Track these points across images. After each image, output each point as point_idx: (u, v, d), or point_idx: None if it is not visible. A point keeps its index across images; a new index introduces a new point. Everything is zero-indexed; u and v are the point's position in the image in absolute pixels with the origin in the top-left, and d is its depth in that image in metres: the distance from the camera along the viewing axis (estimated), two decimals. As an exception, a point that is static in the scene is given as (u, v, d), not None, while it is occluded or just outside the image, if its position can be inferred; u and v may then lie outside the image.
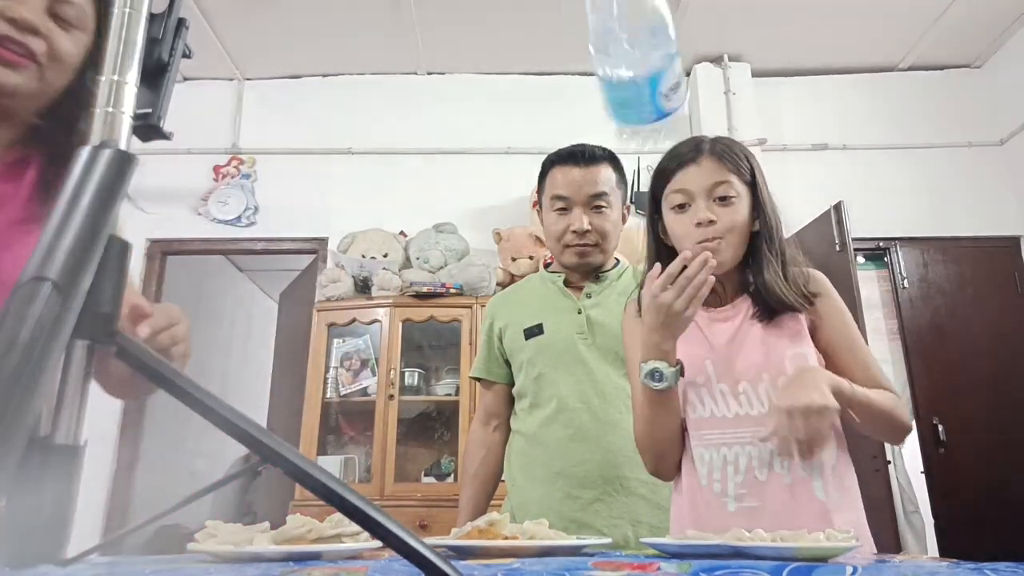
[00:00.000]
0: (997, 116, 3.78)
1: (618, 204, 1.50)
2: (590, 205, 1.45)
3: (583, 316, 1.46)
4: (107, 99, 0.45)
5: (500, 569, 0.58)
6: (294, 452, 0.43)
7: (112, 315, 0.42)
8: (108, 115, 0.45)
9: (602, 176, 1.46)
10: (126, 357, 0.42)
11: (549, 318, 1.48)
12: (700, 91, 3.78)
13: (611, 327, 1.40)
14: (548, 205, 1.49)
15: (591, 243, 1.45)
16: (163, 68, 0.49)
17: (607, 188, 1.46)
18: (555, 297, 1.52)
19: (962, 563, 0.60)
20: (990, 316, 3.47)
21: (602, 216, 1.45)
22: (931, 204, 3.60)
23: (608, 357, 1.41)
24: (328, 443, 3.20)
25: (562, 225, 1.46)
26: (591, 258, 1.47)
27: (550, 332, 1.46)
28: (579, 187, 1.44)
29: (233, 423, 0.43)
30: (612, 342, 1.39)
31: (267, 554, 0.65)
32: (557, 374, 1.42)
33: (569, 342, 1.43)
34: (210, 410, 0.42)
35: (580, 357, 1.42)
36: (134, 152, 0.45)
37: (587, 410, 1.37)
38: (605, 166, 1.47)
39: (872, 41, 3.72)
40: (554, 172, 1.49)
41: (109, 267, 0.42)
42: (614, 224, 1.48)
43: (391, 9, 3.45)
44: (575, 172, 1.45)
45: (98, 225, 0.41)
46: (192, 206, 3.71)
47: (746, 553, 0.68)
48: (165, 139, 0.49)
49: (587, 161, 1.46)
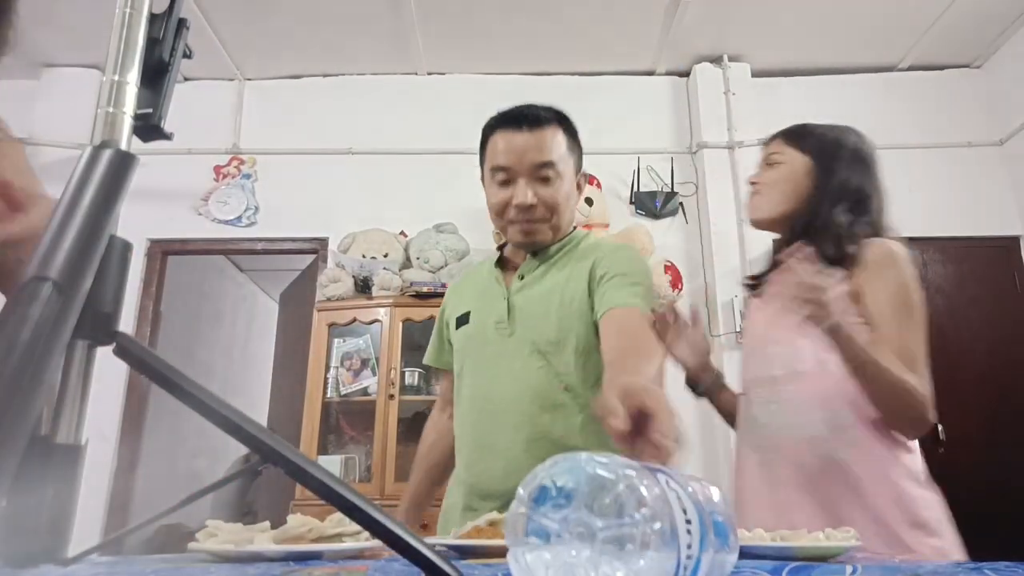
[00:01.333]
0: (997, 116, 3.78)
1: (570, 173, 1.29)
2: (535, 176, 1.24)
3: (505, 303, 1.28)
4: (108, 99, 0.45)
5: (500, 569, 0.58)
6: (294, 451, 0.43)
7: (113, 315, 0.42)
8: (109, 115, 0.45)
9: (549, 141, 1.25)
10: (127, 357, 0.42)
11: (476, 305, 1.34)
12: (700, 91, 3.78)
13: (538, 312, 1.25)
14: (489, 177, 1.29)
15: (538, 218, 1.25)
16: (164, 68, 0.49)
17: (555, 156, 1.24)
18: (488, 281, 1.36)
19: (962, 563, 0.60)
20: (990, 316, 3.47)
21: (550, 187, 1.24)
22: (931, 204, 3.60)
23: (526, 348, 1.23)
24: (328, 443, 3.21)
25: (503, 198, 1.26)
26: (539, 236, 1.28)
27: (474, 322, 1.32)
28: (522, 155, 1.23)
29: (233, 422, 0.42)
30: (533, 332, 1.23)
31: (268, 553, 0.65)
32: (475, 370, 1.29)
33: (490, 334, 1.28)
34: (210, 409, 0.42)
35: (497, 350, 1.26)
36: (135, 152, 0.45)
37: (493, 415, 1.22)
38: (553, 129, 1.26)
39: (872, 41, 3.71)
40: (495, 139, 1.27)
41: (110, 267, 0.42)
42: (566, 196, 1.27)
43: (391, 9, 3.45)
44: (517, 138, 1.24)
45: (99, 225, 0.41)
46: (192, 206, 3.71)
47: (746, 552, 0.68)
48: (166, 139, 0.49)
49: (531, 124, 1.24)
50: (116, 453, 3.40)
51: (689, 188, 3.71)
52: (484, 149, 1.31)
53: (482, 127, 1.32)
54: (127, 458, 3.43)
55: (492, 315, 1.29)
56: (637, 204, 3.66)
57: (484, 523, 0.77)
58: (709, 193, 3.62)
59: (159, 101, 0.48)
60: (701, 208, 3.67)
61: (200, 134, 3.76)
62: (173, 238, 3.70)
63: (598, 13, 3.47)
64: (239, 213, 3.69)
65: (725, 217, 3.56)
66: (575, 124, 1.32)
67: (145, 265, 3.63)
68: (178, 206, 3.69)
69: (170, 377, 0.42)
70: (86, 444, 0.42)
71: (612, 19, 3.52)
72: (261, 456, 0.43)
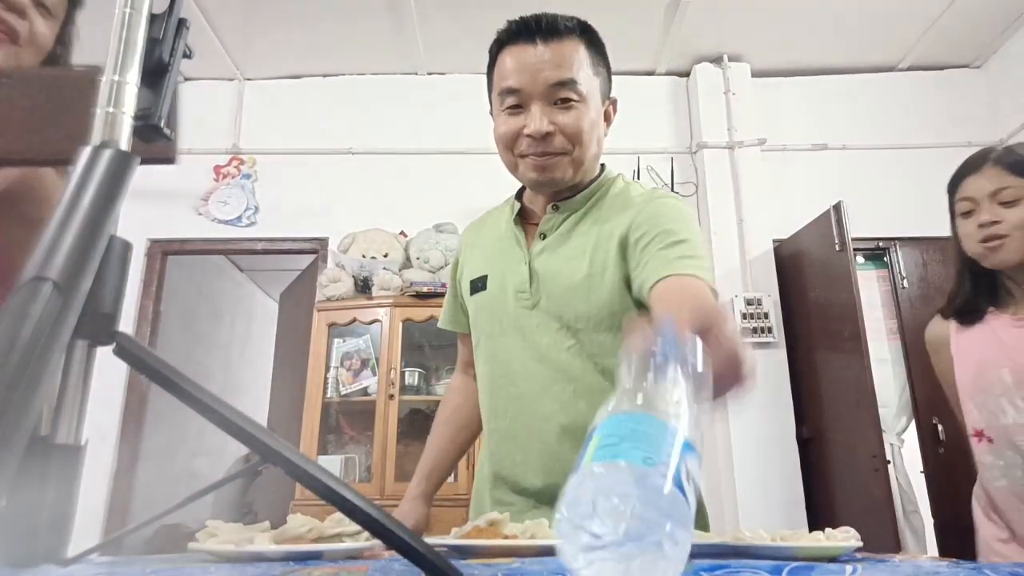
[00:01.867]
0: (997, 116, 3.78)
1: (595, 95, 1.06)
2: (553, 98, 1.02)
3: (527, 268, 1.09)
4: (108, 99, 0.45)
5: (500, 569, 0.58)
6: (294, 451, 0.43)
7: (113, 315, 0.42)
8: (109, 115, 0.45)
9: (570, 56, 1.02)
10: (127, 357, 0.42)
11: (494, 268, 1.14)
12: (700, 91, 3.78)
13: (564, 282, 1.06)
14: (497, 104, 1.07)
15: (556, 150, 1.03)
16: (164, 68, 0.48)
17: (577, 73, 1.02)
18: (507, 239, 1.15)
19: (962, 563, 0.60)
20: (990, 316, 3.46)
21: (571, 112, 1.02)
22: (931, 204, 3.56)
23: (553, 324, 1.05)
24: (328, 443, 3.21)
25: (513, 127, 1.04)
26: (557, 172, 1.05)
27: (492, 288, 1.13)
28: (536, 73, 1.01)
29: (232, 422, 0.42)
30: (560, 305, 1.05)
31: (268, 554, 0.65)
32: (495, 346, 1.11)
33: (510, 304, 1.10)
34: (210, 409, 0.42)
35: (518, 324, 1.08)
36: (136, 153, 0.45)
37: (520, 399, 1.07)
38: (573, 41, 1.03)
39: (872, 41, 3.71)
40: (503, 57, 1.05)
41: (110, 267, 0.42)
42: (591, 124, 1.04)
43: (391, 9, 3.45)
44: (530, 53, 1.02)
45: (99, 225, 0.41)
46: (192, 206, 3.71)
47: (746, 552, 0.68)
48: (167, 140, 0.49)
49: (546, 34, 1.02)
50: (116, 453, 3.40)
51: (689, 188, 3.71)
52: (491, 71, 1.10)
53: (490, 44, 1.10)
54: (127, 458, 3.43)
55: (511, 282, 1.10)
56: (637, 204, 3.66)
57: (484, 523, 0.76)
58: (709, 193, 3.62)
59: (159, 101, 0.48)
60: (701, 208, 3.67)
61: (200, 134, 3.76)
62: (173, 238, 3.70)
63: (598, 13, 3.45)
64: (239, 213, 3.69)
65: (725, 217, 3.56)
66: (602, 41, 1.10)
67: (145, 265, 3.64)
68: (178, 206, 3.69)
69: (170, 377, 0.42)
70: (86, 444, 0.42)
71: (612, 19, 3.52)
72: (260, 456, 0.43)
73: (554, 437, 1.03)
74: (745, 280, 3.44)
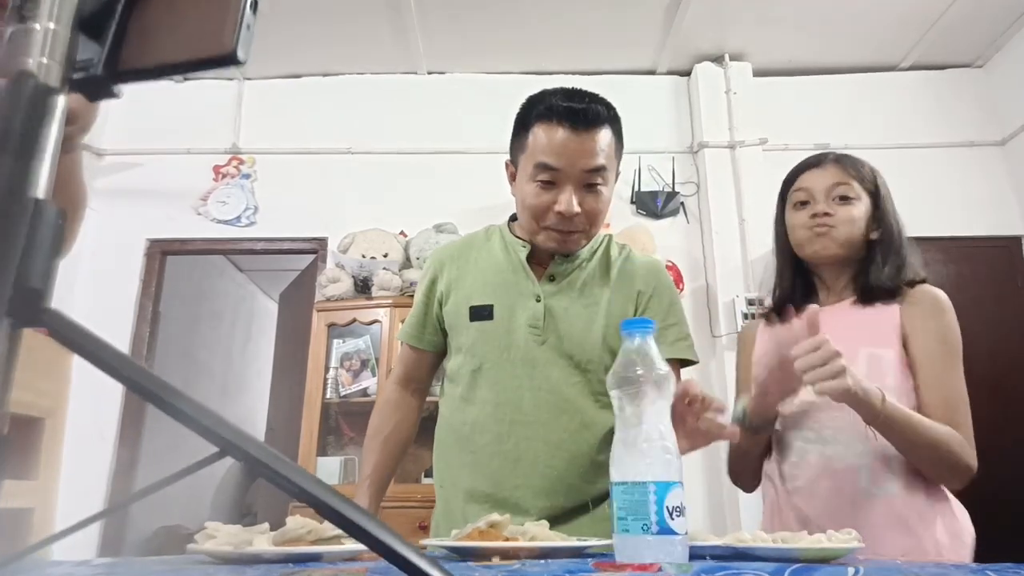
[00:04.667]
0: (998, 116, 3.78)
1: (613, 176, 1.18)
2: (584, 181, 1.13)
3: (541, 305, 1.19)
4: (40, 49, 0.38)
5: (501, 570, 0.58)
6: (251, 440, 0.39)
7: (43, 291, 0.36)
8: (42, 67, 0.38)
9: (604, 144, 1.12)
10: (60, 338, 0.37)
11: (502, 300, 1.21)
12: (701, 91, 3.77)
13: (571, 323, 1.18)
14: (529, 172, 1.15)
15: (577, 228, 1.16)
16: (109, 13, 0.41)
17: (606, 160, 1.13)
18: (514, 273, 1.23)
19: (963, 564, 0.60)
20: (990, 316, 3.46)
21: (596, 196, 1.14)
22: (931, 204, 3.59)
23: (562, 360, 1.17)
24: (328, 444, 3.20)
25: (545, 201, 1.14)
26: (572, 246, 1.19)
27: (500, 319, 1.19)
28: (574, 159, 1.11)
29: (181, 409, 0.38)
30: (573, 346, 1.17)
31: (267, 555, 0.65)
32: (500, 374, 1.18)
33: (519, 336, 1.18)
34: (154, 395, 0.38)
35: (528, 356, 1.17)
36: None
37: (527, 426, 1.14)
38: (606, 130, 1.13)
39: (872, 41, 3.71)
40: (542, 131, 1.13)
41: (39, 236, 0.36)
42: (606, 203, 1.17)
43: (391, 9, 3.45)
44: (571, 140, 1.11)
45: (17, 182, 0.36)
46: (192, 206, 3.71)
47: (747, 554, 0.68)
48: (114, 98, 0.42)
49: (588, 124, 1.11)
50: (115, 453, 3.39)
51: (690, 188, 3.71)
52: (524, 134, 1.16)
53: (523, 104, 1.18)
54: (126, 458, 3.43)
55: (523, 316, 1.19)
56: (638, 204, 3.66)
57: (484, 524, 0.76)
58: (710, 193, 3.61)
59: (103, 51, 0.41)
60: (702, 208, 3.67)
61: (199, 134, 3.76)
62: (172, 238, 3.69)
63: (599, 12, 3.47)
64: (238, 213, 3.68)
65: (726, 217, 3.55)
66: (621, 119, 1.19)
67: (144, 265, 3.63)
68: (177, 206, 3.69)
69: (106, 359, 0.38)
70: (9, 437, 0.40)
71: (613, 18, 3.52)
72: (215, 445, 0.39)
73: (563, 464, 1.13)
74: (746, 280, 3.44)
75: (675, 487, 0.59)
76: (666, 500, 0.58)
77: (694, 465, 3.09)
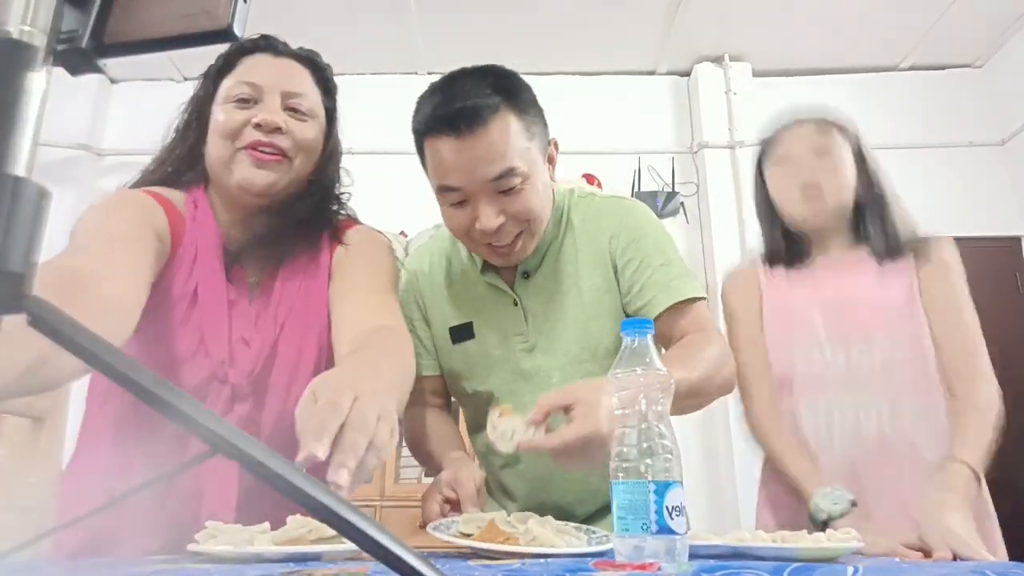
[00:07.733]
0: (998, 116, 3.78)
1: (538, 162, 1.00)
2: (497, 190, 0.95)
3: (519, 308, 1.08)
4: (23, 16, 0.35)
5: (501, 569, 0.58)
6: (248, 440, 0.36)
7: (23, 275, 0.33)
8: (23, 34, 0.35)
9: (502, 142, 0.93)
10: (43, 328, 0.35)
11: (479, 315, 1.10)
12: (701, 91, 3.78)
13: (554, 317, 1.06)
14: (438, 196, 1.03)
15: (514, 235, 1.00)
16: None
17: (516, 159, 0.94)
18: (481, 283, 1.11)
19: (963, 563, 0.60)
20: (990, 316, 3.43)
21: (519, 196, 0.96)
22: (931, 204, 3.56)
23: (559, 361, 1.05)
24: (328, 443, 3.20)
25: (463, 223, 1.00)
26: (519, 253, 1.03)
27: (481, 336, 1.09)
28: (471, 171, 0.94)
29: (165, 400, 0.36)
30: (560, 341, 1.05)
31: (268, 555, 0.65)
32: (512, 396, 1.06)
33: (506, 348, 1.08)
34: (142, 389, 0.36)
35: (521, 370, 1.06)
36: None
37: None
38: (501, 120, 0.94)
39: (872, 41, 3.71)
40: (431, 147, 0.99)
41: (19, 215, 0.33)
42: (540, 195, 0.99)
43: (391, 9, 3.45)
44: (460, 149, 0.94)
45: None
46: (192, 206, 3.70)
47: (747, 554, 0.68)
48: (98, 72, 0.40)
49: (473, 125, 0.93)
50: (116, 453, 3.39)
51: (690, 188, 3.71)
52: (421, 155, 1.06)
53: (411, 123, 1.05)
54: (127, 458, 3.42)
55: (506, 327, 1.08)
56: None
57: (485, 524, 0.76)
58: (710, 193, 3.61)
59: (88, 21, 0.38)
60: (702, 208, 3.67)
61: (200, 134, 3.75)
62: (173, 238, 3.69)
63: (599, 13, 3.47)
64: (239, 213, 3.68)
65: (726, 217, 3.55)
66: (525, 87, 1.03)
67: (145, 265, 3.63)
68: (178, 206, 3.68)
69: (93, 350, 0.35)
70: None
71: (613, 19, 3.52)
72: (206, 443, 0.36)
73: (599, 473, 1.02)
74: (745, 280, 3.44)
75: (675, 487, 0.60)
76: (666, 500, 0.59)
77: (694, 465, 3.09)
